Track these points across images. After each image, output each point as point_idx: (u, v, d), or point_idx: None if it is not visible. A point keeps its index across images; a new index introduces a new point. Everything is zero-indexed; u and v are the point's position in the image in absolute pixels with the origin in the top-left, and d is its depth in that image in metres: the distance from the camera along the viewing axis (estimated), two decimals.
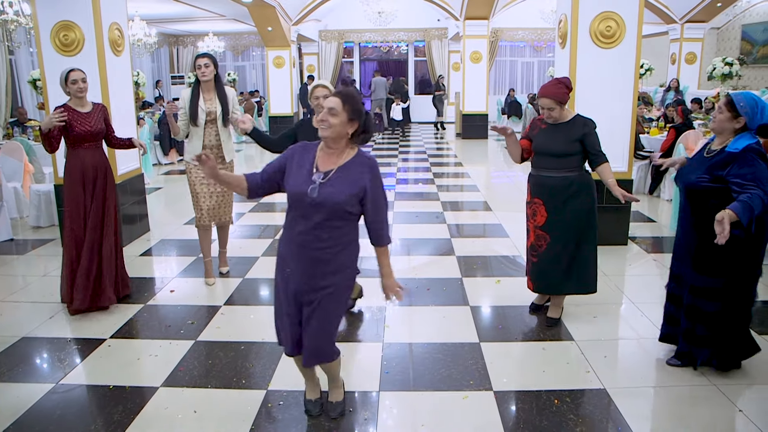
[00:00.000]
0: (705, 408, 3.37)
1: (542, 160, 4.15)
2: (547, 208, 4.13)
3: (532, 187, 4.25)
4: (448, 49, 19.69)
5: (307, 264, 2.83)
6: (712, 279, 3.45)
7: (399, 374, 3.69)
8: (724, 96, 3.45)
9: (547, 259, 4.21)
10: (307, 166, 2.82)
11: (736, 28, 18.62)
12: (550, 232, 4.16)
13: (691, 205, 3.48)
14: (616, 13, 5.83)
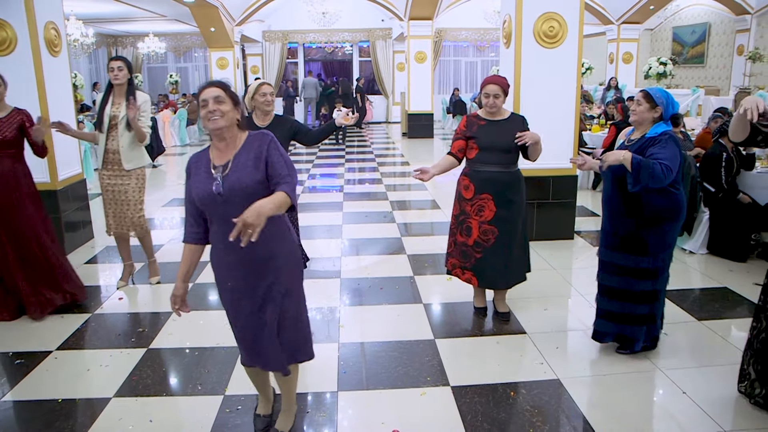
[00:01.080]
0: (653, 392, 3.53)
1: (490, 156, 4.17)
2: (496, 203, 4.17)
3: (477, 183, 4.21)
4: (392, 49, 19.77)
5: (250, 269, 2.69)
6: (643, 258, 3.68)
7: (356, 373, 3.70)
8: (639, 92, 3.68)
9: (495, 253, 4.23)
10: (204, 169, 2.66)
11: (667, 29, 19.34)
12: (499, 226, 4.20)
13: (620, 192, 3.66)
14: (558, 14, 5.97)
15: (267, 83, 4.41)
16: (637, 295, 3.74)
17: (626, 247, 3.72)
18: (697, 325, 4.37)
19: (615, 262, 3.79)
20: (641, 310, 3.76)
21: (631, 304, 3.77)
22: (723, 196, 5.88)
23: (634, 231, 3.66)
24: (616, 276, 3.79)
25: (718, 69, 17.30)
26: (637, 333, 3.81)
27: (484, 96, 4.15)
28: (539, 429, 3.11)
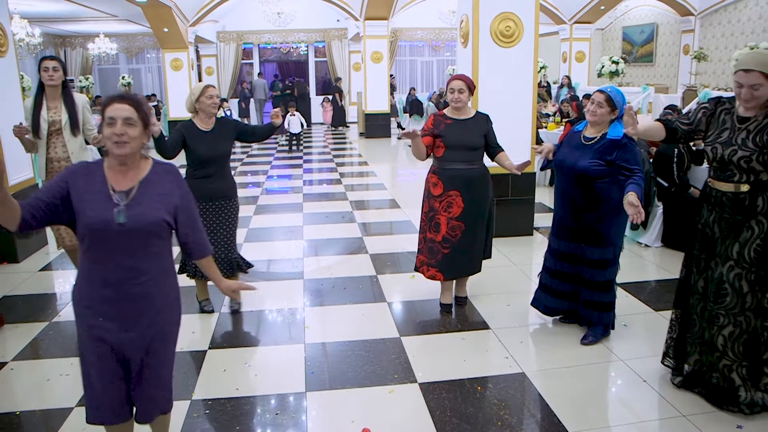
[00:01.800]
0: (614, 381, 3.64)
1: (457, 153, 4.27)
2: (464, 199, 4.28)
3: (445, 180, 4.31)
4: (348, 49, 19.74)
5: (129, 307, 2.34)
6: (599, 250, 3.87)
7: (323, 374, 3.69)
8: (598, 93, 3.79)
9: (462, 247, 4.36)
10: (100, 189, 2.29)
11: (617, 29, 19.83)
12: (466, 221, 4.31)
13: (581, 189, 3.79)
14: (514, 13, 6.05)
15: (212, 86, 4.34)
16: (599, 285, 3.92)
17: (586, 239, 3.89)
18: (655, 316, 4.50)
19: (578, 253, 3.96)
20: (607, 298, 3.96)
21: (599, 293, 3.94)
22: (675, 190, 6.06)
23: (595, 224, 3.83)
24: (572, 264, 4.00)
25: (666, 68, 17.80)
26: (604, 318, 4.00)
27: (449, 91, 4.29)
28: (507, 422, 3.16)
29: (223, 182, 4.42)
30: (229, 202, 4.45)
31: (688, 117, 3.28)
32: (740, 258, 3.07)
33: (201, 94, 4.26)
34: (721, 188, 3.13)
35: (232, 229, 4.52)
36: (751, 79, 2.91)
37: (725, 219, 3.11)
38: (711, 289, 3.18)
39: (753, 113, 3.04)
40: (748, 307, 3.09)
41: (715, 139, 3.13)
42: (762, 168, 2.99)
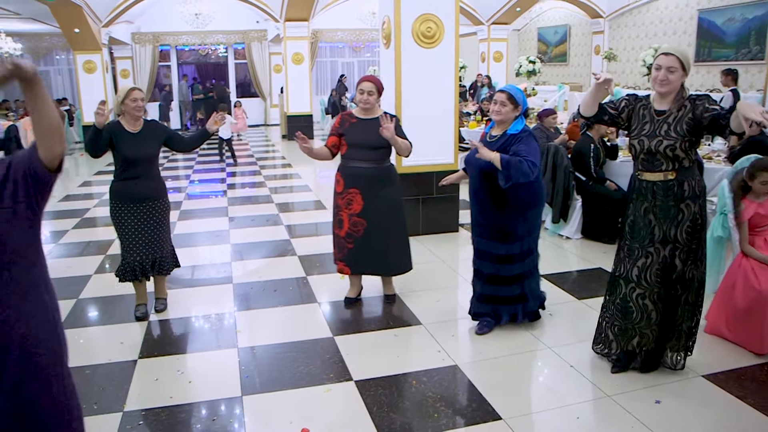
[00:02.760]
0: (544, 368, 3.78)
1: (357, 152, 4.40)
2: (364, 197, 4.40)
3: (346, 178, 4.46)
4: (268, 51, 19.51)
5: None
6: (512, 245, 4.00)
7: (259, 377, 3.66)
8: (499, 93, 3.93)
9: (365, 243, 4.46)
10: None
11: (533, 30, 20.50)
12: (367, 218, 4.42)
13: (487, 186, 3.93)
14: (435, 15, 6.17)
15: (137, 88, 4.29)
16: (509, 279, 4.07)
17: (496, 236, 4.01)
18: (578, 304, 4.69)
19: (489, 251, 4.07)
20: (513, 291, 4.11)
21: (504, 287, 4.09)
22: (592, 184, 6.33)
23: (503, 221, 3.98)
24: (490, 263, 4.08)
25: (579, 67, 18.53)
26: (511, 311, 4.15)
27: (359, 92, 4.39)
28: (443, 413, 3.23)
29: (151, 183, 4.36)
30: (159, 203, 4.40)
31: (614, 103, 3.51)
32: (675, 239, 3.34)
33: (126, 96, 4.23)
34: (650, 178, 3.36)
35: (164, 228, 4.48)
36: (670, 61, 3.21)
37: (658, 206, 3.35)
38: (654, 272, 3.40)
39: (666, 106, 3.30)
40: (682, 281, 3.40)
41: (640, 132, 3.36)
42: (684, 155, 3.26)
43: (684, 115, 3.24)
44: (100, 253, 6.25)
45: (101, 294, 5.07)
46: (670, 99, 3.30)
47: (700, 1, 14.12)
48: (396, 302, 4.78)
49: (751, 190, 4.01)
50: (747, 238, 4.00)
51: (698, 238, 3.36)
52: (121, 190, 4.30)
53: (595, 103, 3.44)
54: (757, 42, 12.80)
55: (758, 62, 12.65)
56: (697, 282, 3.44)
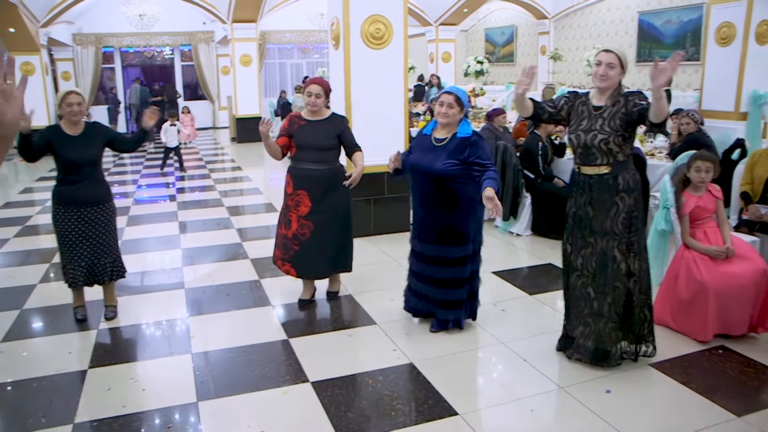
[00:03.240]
0: (499, 363, 3.85)
1: (306, 154, 4.42)
2: (311, 199, 4.42)
3: (295, 179, 4.49)
4: (216, 52, 19.24)
5: None
6: (461, 248, 4.02)
7: (214, 381, 3.62)
8: (446, 95, 3.95)
9: (312, 246, 4.47)
10: None
11: (480, 31, 20.79)
12: (315, 221, 4.43)
13: (439, 190, 3.94)
14: (383, 16, 6.20)
15: (75, 92, 4.16)
16: (461, 282, 4.08)
17: (449, 240, 4.00)
18: (530, 299, 4.79)
19: (440, 255, 4.05)
20: (462, 294, 4.13)
21: (457, 290, 4.09)
22: (541, 181, 6.46)
23: (456, 222, 3.98)
24: (438, 266, 4.06)
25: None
26: (461, 314, 4.17)
27: (306, 95, 4.40)
28: (400, 410, 3.26)
29: (95, 187, 4.28)
30: (103, 207, 4.31)
31: (553, 101, 3.69)
32: (612, 231, 3.47)
33: (62, 100, 4.14)
34: (587, 172, 3.52)
35: (108, 234, 4.38)
36: (610, 58, 3.40)
37: (595, 199, 3.50)
38: (594, 262, 3.55)
39: (603, 102, 3.47)
40: (624, 272, 3.51)
41: (577, 127, 3.52)
42: (618, 149, 3.42)
43: (618, 111, 3.41)
44: (44, 261, 6.07)
45: (46, 303, 4.92)
46: (608, 95, 3.47)
47: (639, 4, 14.55)
48: (349, 302, 4.80)
49: (691, 184, 4.17)
50: (688, 231, 4.15)
51: (636, 230, 3.51)
52: (64, 194, 4.20)
53: (523, 106, 3.62)
54: (692, 43, 13.27)
55: (694, 63, 13.10)
56: (642, 273, 3.58)
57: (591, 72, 3.61)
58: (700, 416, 3.17)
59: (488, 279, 5.23)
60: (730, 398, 3.32)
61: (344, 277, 5.05)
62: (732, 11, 8.10)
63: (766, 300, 3.93)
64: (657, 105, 3.17)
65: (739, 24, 8.01)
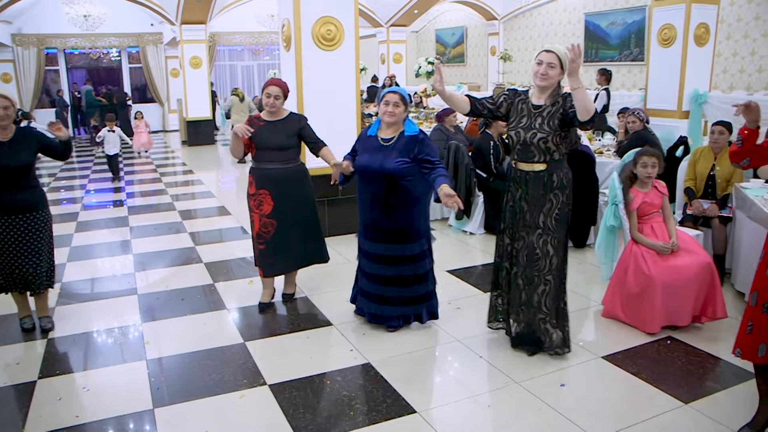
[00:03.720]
0: (453, 360, 3.90)
1: (266, 154, 4.44)
2: (273, 198, 4.44)
3: (257, 179, 4.49)
4: (164, 54, 18.89)
5: None
6: (417, 244, 4.09)
7: (170, 388, 3.57)
8: (391, 95, 3.97)
9: (277, 243, 4.49)
10: None
11: (431, 32, 20.95)
12: (278, 219, 4.45)
13: (391, 189, 3.98)
14: (334, 17, 6.21)
15: (1, 96, 4.01)
16: (420, 277, 4.15)
17: (404, 237, 4.06)
18: (484, 297, 4.83)
19: (398, 254, 4.08)
20: (426, 288, 4.20)
21: (418, 286, 4.15)
22: (493, 180, 6.56)
23: (410, 220, 4.05)
24: (397, 266, 4.09)
25: (476, 67, 19.10)
26: (421, 308, 4.23)
27: (265, 96, 4.41)
28: (359, 410, 3.27)
29: (27, 194, 4.14)
30: (35, 215, 4.18)
31: (493, 99, 3.81)
32: (545, 226, 3.62)
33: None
34: (524, 168, 3.66)
35: (40, 242, 4.22)
36: (550, 57, 3.51)
37: (530, 194, 3.63)
38: (525, 255, 3.69)
39: (543, 101, 3.60)
40: (554, 267, 3.65)
41: (517, 124, 3.65)
42: (555, 148, 3.57)
43: (556, 111, 3.54)
44: None
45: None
46: (547, 94, 3.59)
47: (585, 5, 14.89)
48: (305, 304, 4.80)
49: (638, 180, 4.30)
50: (636, 226, 4.28)
51: (566, 227, 3.68)
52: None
53: (454, 103, 3.77)
54: (637, 44, 13.65)
55: (639, 63, 13.49)
56: (565, 266, 3.76)
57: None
58: (650, 405, 3.29)
59: (443, 277, 5.30)
60: (678, 386, 3.45)
61: (300, 278, 5.03)
62: (672, 14, 8.36)
63: (709, 291, 4.08)
64: (580, 99, 3.30)
65: (679, 26, 8.27)
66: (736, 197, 4.91)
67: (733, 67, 12.03)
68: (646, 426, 3.11)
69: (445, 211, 7.34)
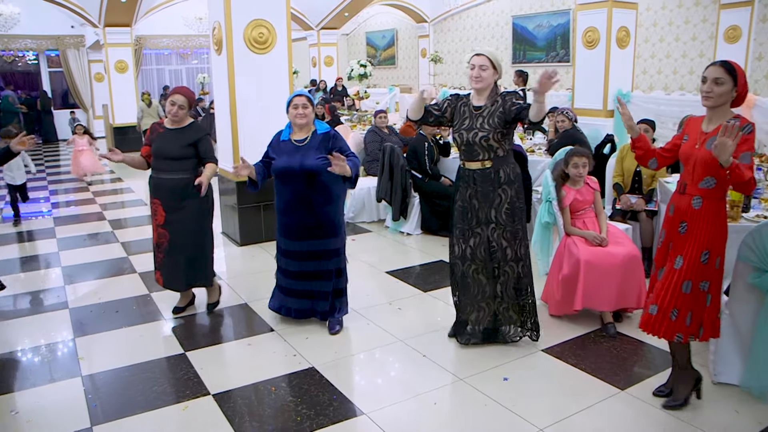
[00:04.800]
0: (397, 361, 3.92)
1: (159, 162, 4.36)
2: (165, 208, 4.37)
3: (151, 188, 4.44)
4: (87, 58, 18.23)
5: None
6: (339, 238, 4.26)
7: (109, 403, 3.45)
8: (299, 98, 4.13)
9: (170, 255, 4.43)
10: None
11: (361, 34, 21.01)
12: (170, 230, 4.39)
13: (314, 186, 4.09)
14: (266, 20, 6.15)
15: None
16: (340, 271, 4.30)
17: (326, 232, 4.20)
18: (424, 296, 4.92)
19: (321, 249, 4.22)
20: (344, 282, 4.36)
21: (339, 279, 4.31)
22: (428, 181, 6.63)
23: (331, 216, 4.20)
24: (321, 260, 4.23)
25: (407, 69, 19.27)
26: (336, 305, 4.33)
27: (169, 104, 4.30)
28: (306, 415, 3.25)
29: None
30: None
31: (438, 105, 3.91)
32: (497, 221, 3.75)
33: None
34: (471, 167, 3.78)
35: None
36: (482, 60, 3.66)
37: (480, 191, 3.75)
38: (483, 250, 3.80)
39: (482, 102, 3.73)
40: (510, 258, 3.79)
41: (460, 126, 3.77)
42: (498, 145, 3.70)
43: (496, 110, 3.68)
44: None
45: None
46: (485, 95, 3.74)
47: (513, 8, 15.25)
48: (245, 311, 4.75)
49: (569, 178, 4.44)
50: (570, 222, 4.42)
51: (519, 219, 3.80)
52: None
53: (420, 109, 3.83)
54: (562, 46, 14.09)
55: (565, 64, 13.91)
56: (527, 257, 3.89)
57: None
58: (589, 393, 3.41)
59: (383, 279, 5.34)
60: (614, 374, 3.59)
61: (239, 286, 4.96)
62: (595, 17, 8.68)
63: (636, 282, 4.24)
64: (539, 108, 3.44)
65: (602, 29, 8.60)
66: (660, 191, 5.12)
67: (651, 69, 12.59)
68: (587, 414, 3.22)
69: (381, 213, 7.37)
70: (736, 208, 3.82)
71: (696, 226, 3.00)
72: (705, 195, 2.98)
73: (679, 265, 3.03)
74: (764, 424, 3.09)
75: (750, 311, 3.29)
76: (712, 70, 2.93)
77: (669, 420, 3.15)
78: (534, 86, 3.35)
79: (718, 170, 2.88)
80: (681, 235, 3.06)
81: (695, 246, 2.99)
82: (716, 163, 2.79)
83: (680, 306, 3.03)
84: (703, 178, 2.97)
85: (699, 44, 11.74)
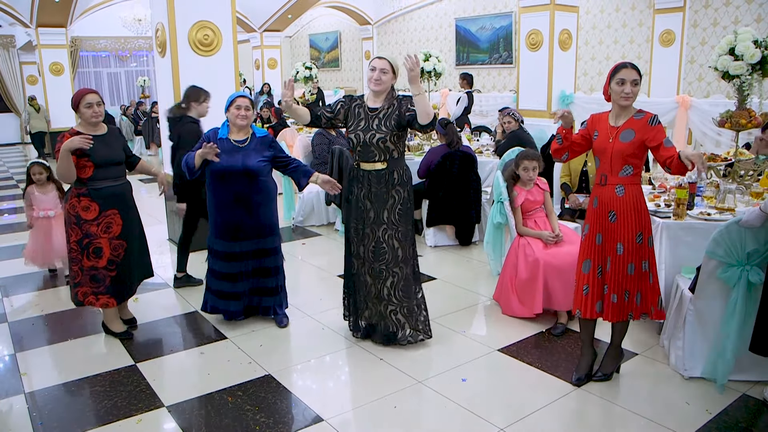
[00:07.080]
0: (356, 365, 3.89)
1: (108, 170, 4.13)
2: (122, 216, 4.23)
3: (100, 201, 4.10)
4: (19, 60, 17.53)
5: None
6: (277, 237, 4.41)
7: (57, 421, 3.30)
8: (242, 99, 4.18)
9: (126, 264, 4.27)
10: None
11: (304, 37, 20.89)
12: (127, 239, 4.26)
13: (253, 187, 4.18)
14: (211, 22, 6.04)
15: None
16: (279, 269, 4.45)
17: (265, 232, 4.29)
18: None
19: (261, 248, 4.31)
20: (278, 281, 4.45)
21: (279, 276, 4.45)
22: None
23: (269, 215, 4.31)
24: (262, 258, 4.34)
25: (351, 71, 19.25)
26: (278, 301, 4.47)
27: (85, 106, 4.05)
28: (265, 423, 3.19)
29: None
30: None
31: (330, 107, 3.98)
32: (389, 221, 3.82)
33: None
34: (366, 168, 3.84)
35: None
36: (383, 64, 3.74)
37: (373, 192, 3.82)
38: (371, 250, 3.86)
39: (379, 104, 3.80)
40: (401, 259, 3.85)
41: (356, 127, 3.83)
42: (394, 147, 3.80)
43: (392, 113, 3.76)
44: None
45: None
46: (382, 98, 3.81)
47: (456, 11, 15.42)
48: (195, 319, 4.64)
49: (520, 179, 4.50)
50: (521, 221, 4.48)
51: (408, 220, 3.89)
52: None
53: (297, 115, 3.92)
54: (505, 48, 14.32)
55: (508, 66, 14.16)
56: (416, 258, 4.00)
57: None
58: (546, 391, 3.46)
59: (334, 282, 5.32)
60: (569, 372, 3.64)
61: (186, 293, 4.85)
62: (538, 19, 8.86)
63: None
64: (421, 102, 3.55)
65: (545, 31, 8.78)
66: None
67: (592, 70, 12.93)
68: (544, 411, 3.26)
69: (331, 216, 7.33)
70: (681, 206, 3.93)
71: (624, 212, 3.25)
72: (626, 182, 3.24)
73: (621, 251, 3.26)
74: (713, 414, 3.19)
75: (716, 306, 3.43)
76: (628, 72, 3.19)
77: (626, 414, 3.22)
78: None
79: (632, 159, 3.19)
80: (612, 224, 3.28)
81: (629, 230, 3.25)
82: (631, 152, 3.17)
83: (630, 287, 3.31)
84: (622, 167, 3.23)
85: (636, 47, 12.13)
